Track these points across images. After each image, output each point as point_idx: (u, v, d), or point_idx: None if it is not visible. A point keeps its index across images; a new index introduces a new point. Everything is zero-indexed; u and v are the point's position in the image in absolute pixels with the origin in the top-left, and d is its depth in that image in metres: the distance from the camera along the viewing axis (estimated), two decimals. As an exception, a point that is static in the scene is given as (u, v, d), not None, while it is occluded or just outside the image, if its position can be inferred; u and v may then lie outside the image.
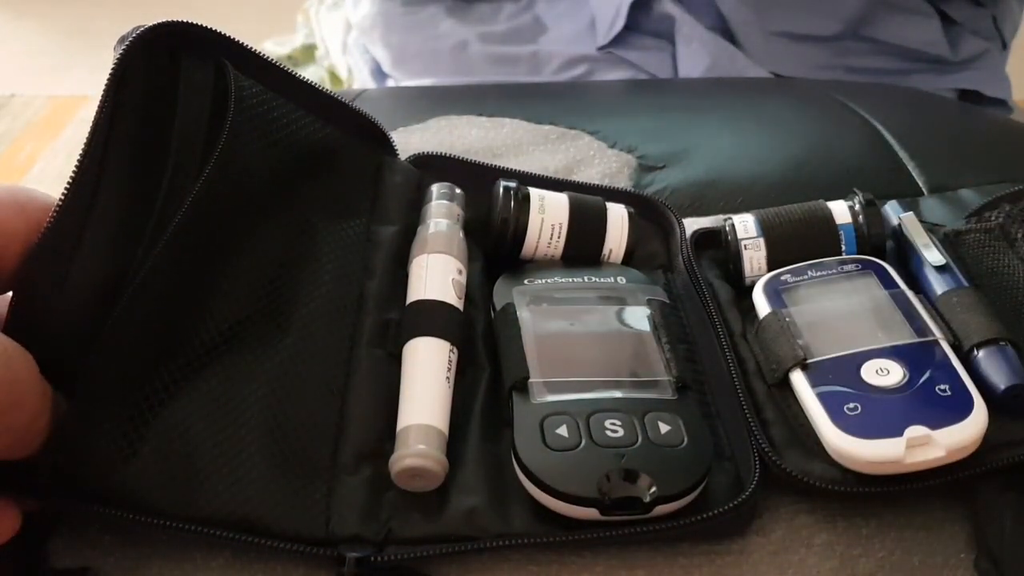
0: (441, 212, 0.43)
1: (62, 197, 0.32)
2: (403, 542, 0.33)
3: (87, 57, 2.07)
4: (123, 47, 0.33)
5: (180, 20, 0.36)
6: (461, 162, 0.47)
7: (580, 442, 0.33)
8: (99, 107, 0.33)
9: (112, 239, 0.33)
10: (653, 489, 0.32)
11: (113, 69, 0.33)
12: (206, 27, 0.37)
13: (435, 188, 0.44)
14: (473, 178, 0.45)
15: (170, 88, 0.35)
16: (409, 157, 0.47)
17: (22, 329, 0.30)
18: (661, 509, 0.32)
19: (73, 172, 0.32)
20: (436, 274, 0.40)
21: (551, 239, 0.43)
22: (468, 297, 0.41)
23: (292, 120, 0.40)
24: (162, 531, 0.32)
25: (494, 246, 0.43)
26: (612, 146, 0.55)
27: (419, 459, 0.33)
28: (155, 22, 0.34)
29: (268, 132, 0.38)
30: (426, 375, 0.36)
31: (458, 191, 0.45)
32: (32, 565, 0.33)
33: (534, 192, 0.44)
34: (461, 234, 0.42)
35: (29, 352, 0.30)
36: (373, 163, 0.45)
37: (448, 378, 0.37)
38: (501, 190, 0.43)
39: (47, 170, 1.71)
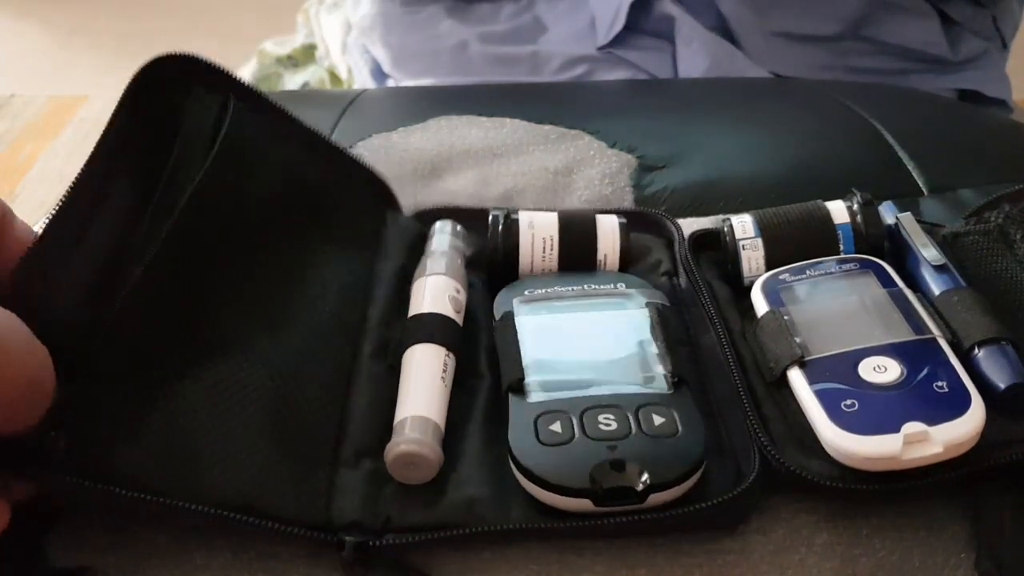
0: (442, 243, 0.44)
1: (73, 184, 0.33)
2: (402, 530, 0.33)
3: (87, 57, 2.07)
4: (141, 68, 0.36)
5: (197, 56, 0.38)
6: (464, 210, 0.48)
7: (573, 436, 0.34)
8: (117, 107, 0.35)
9: (118, 230, 0.34)
10: (645, 477, 0.32)
11: (130, 84, 0.36)
12: (220, 67, 0.39)
13: (437, 224, 0.46)
14: (477, 221, 0.46)
15: (180, 108, 0.38)
16: (413, 214, 0.48)
17: (23, 309, 0.30)
18: (656, 499, 0.33)
19: (87, 160, 0.34)
20: (433, 292, 0.41)
21: (544, 252, 0.44)
22: (472, 317, 0.42)
23: (297, 157, 0.42)
24: (161, 510, 0.31)
25: (491, 268, 0.44)
26: (612, 146, 0.55)
27: (413, 445, 0.34)
28: (172, 52, 0.38)
29: (267, 162, 0.40)
30: (421, 373, 0.37)
31: (459, 227, 0.46)
32: (31, 564, 0.33)
33: (523, 213, 0.45)
34: (460, 260, 0.44)
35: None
36: (378, 212, 0.46)
37: (443, 378, 0.37)
38: (491, 218, 0.44)
39: (47, 170, 1.71)
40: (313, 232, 0.41)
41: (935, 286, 0.40)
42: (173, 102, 0.37)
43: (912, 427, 0.33)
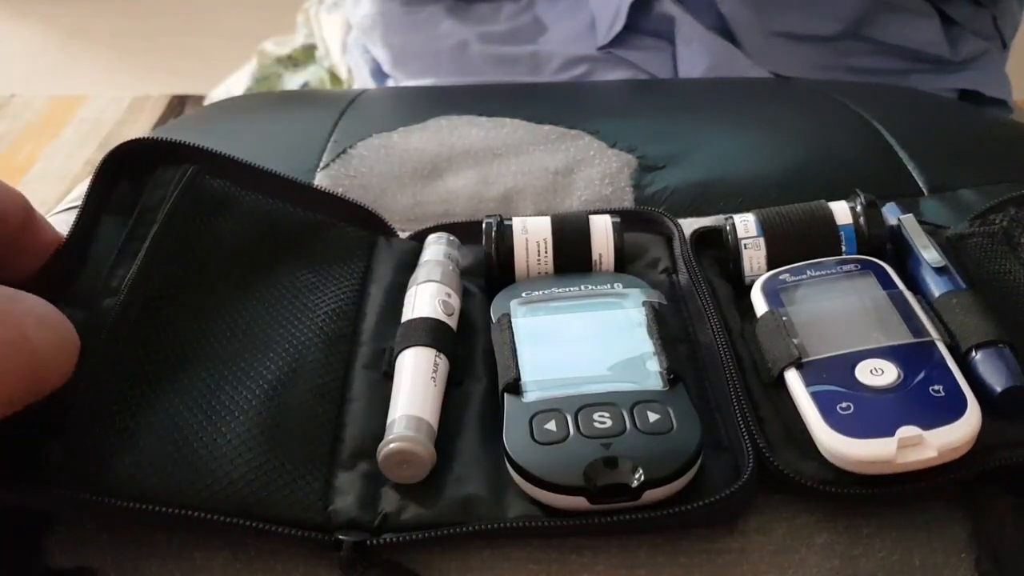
0: (434, 253, 0.44)
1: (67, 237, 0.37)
2: (399, 528, 0.33)
3: (87, 57, 2.07)
4: (105, 156, 0.39)
5: (158, 139, 0.41)
6: (458, 225, 0.48)
7: (568, 435, 0.34)
8: (86, 193, 0.38)
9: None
10: (639, 474, 0.32)
11: (95, 171, 0.39)
12: (180, 143, 0.41)
13: (430, 237, 0.46)
14: (473, 233, 0.46)
15: (142, 189, 0.40)
16: (408, 235, 0.48)
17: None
18: (651, 495, 0.33)
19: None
20: (423, 297, 0.41)
21: (539, 255, 0.44)
22: (470, 324, 0.42)
23: (269, 203, 0.43)
24: (159, 518, 0.32)
25: (488, 276, 0.44)
26: (612, 146, 0.55)
27: (404, 443, 0.34)
28: (135, 139, 0.40)
29: (233, 213, 0.41)
30: (411, 375, 0.37)
31: (452, 238, 0.46)
32: (30, 564, 0.33)
33: (516, 219, 0.45)
34: (452, 267, 0.44)
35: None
36: (367, 240, 0.46)
37: (433, 378, 0.37)
38: (484, 225, 0.44)
39: (47, 170, 1.71)
40: (295, 269, 0.42)
41: (935, 288, 0.40)
42: (137, 185, 0.40)
43: (907, 431, 0.33)
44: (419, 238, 0.47)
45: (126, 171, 0.40)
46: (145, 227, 0.38)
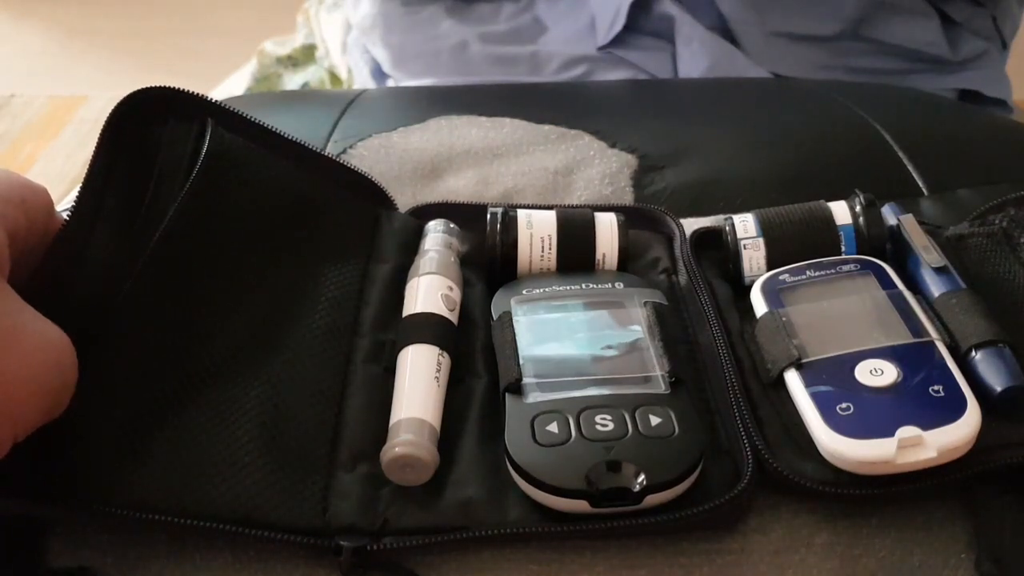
0: (435, 243, 0.44)
1: (74, 204, 0.35)
2: (399, 532, 0.33)
3: (87, 57, 2.07)
4: (117, 103, 0.37)
5: (172, 88, 0.39)
6: (460, 206, 0.48)
7: (570, 437, 0.34)
8: (97, 143, 0.36)
9: (105, 260, 0.35)
10: (641, 478, 0.32)
11: (107, 119, 0.37)
12: (194, 93, 0.40)
13: (431, 224, 0.46)
14: (474, 218, 0.46)
15: (157, 141, 0.39)
16: (408, 209, 0.48)
17: (43, 302, 0.31)
18: (653, 499, 0.33)
19: (78, 195, 0.35)
20: (425, 291, 0.41)
21: (543, 251, 0.44)
22: (469, 317, 0.42)
23: (280, 171, 0.42)
24: (163, 527, 0.32)
25: (490, 268, 0.44)
26: (612, 146, 0.55)
27: (408, 448, 0.34)
28: (147, 86, 0.38)
29: (250, 178, 0.40)
30: (414, 375, 0.37)
31: (452, 225, 0.46)
32: (31, 564, 0.33)
33: (521, 211, 0.45)
34: (453, 258, 0.44)
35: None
36: (370, 215, 0.46)
37: (437, 378, 0.37)
38: (489, 216, 0.44)
39: (47, 170, 1.71)
40: (302, 242, 0.42)
41: (935, 288, 0.40)
42: (150, 136, 0.38)
43: (907, 431, 0.33)
44: (418, 214, 0.47)
45: (132, 128, 0.38)
46: (157, 219, 0.36)
